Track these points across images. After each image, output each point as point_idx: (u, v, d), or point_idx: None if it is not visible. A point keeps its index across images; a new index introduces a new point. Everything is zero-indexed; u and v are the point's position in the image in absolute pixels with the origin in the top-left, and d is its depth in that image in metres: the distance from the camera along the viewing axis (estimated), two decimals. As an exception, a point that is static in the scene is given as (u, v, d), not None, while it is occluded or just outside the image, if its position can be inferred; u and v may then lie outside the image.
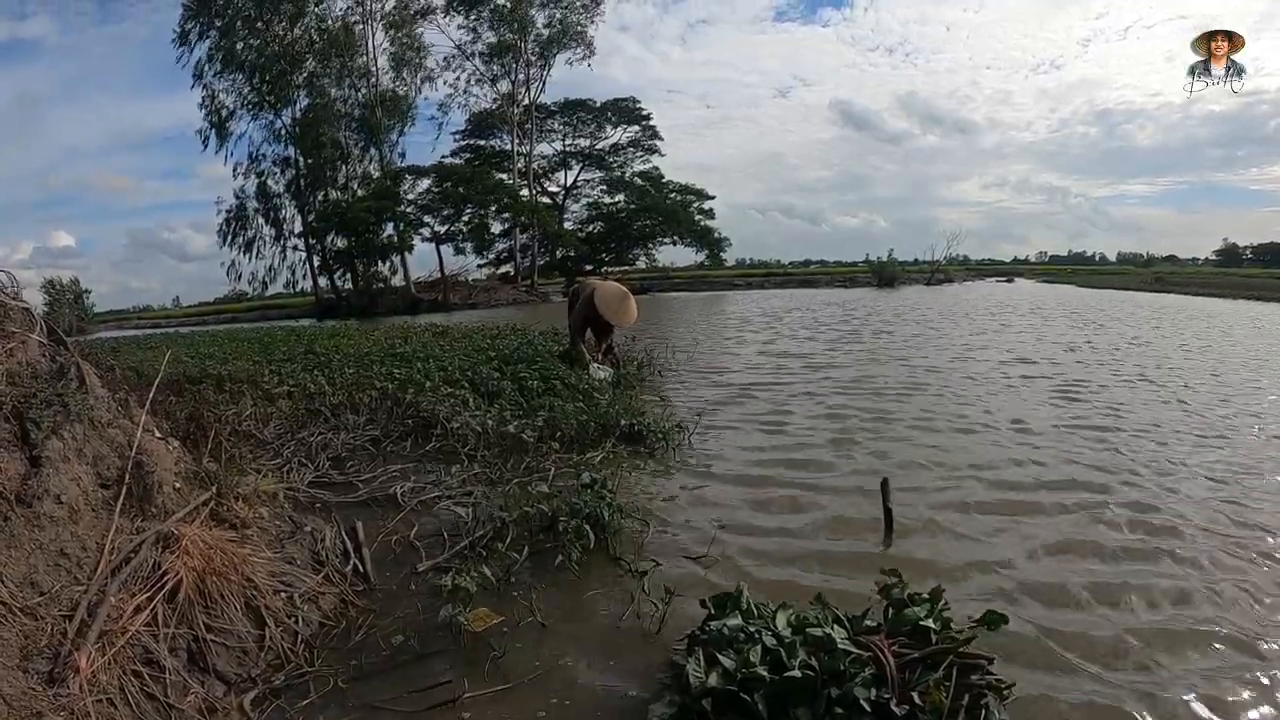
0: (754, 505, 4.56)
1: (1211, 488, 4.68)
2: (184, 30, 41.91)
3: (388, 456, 5.63)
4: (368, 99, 44.72)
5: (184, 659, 2.61)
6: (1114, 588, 3.33)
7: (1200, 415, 6.79)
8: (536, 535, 3.87)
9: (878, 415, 7.02)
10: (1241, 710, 2.46)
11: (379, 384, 7.04)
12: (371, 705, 2.60)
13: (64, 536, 2.61)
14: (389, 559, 3.84)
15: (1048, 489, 4.69)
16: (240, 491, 3.52)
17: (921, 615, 2.51)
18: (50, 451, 2.79)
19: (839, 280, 50.27)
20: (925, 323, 18.27)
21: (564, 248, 48.78)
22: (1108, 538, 3.91)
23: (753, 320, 20.70)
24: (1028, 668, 2.68)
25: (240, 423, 6.04)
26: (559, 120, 53.42)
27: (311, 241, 44.38)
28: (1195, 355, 11.31)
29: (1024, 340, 13.75)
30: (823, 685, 2.23)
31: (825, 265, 73.51)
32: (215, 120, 43.07)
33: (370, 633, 3.09)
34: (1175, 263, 79.45)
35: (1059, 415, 6.83)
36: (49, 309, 6.47)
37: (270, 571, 3.14)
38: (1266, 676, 2.62)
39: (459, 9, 45.59)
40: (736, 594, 2.79)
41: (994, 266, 72.03)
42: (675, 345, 12.43)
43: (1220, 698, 2.51)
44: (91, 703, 2.19)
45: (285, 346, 11.50)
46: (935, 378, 9.30)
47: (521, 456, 5.36)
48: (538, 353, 9.02)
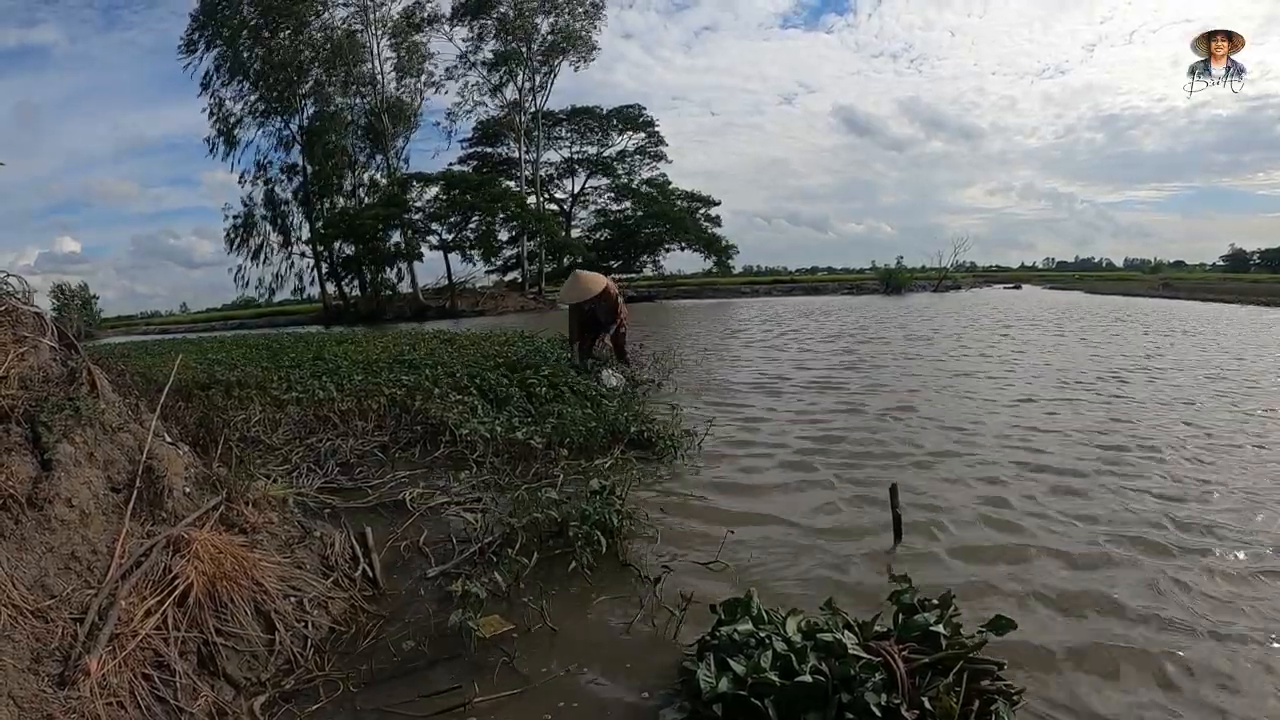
0: (764, 511, 4.54)
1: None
2: (190, 40, 42.40)
3: (396, 463, 5.63)
4: (373, 106, 45.03)
5: (194, 662, 2.61)
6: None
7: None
8: (546, 541, 3.87)
9: (893, 420, 7.00)
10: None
11: (387, 390, 7.05)
12: (381, 710, 2.60)
13: (75, 540, 2.62)
14: (398, 564, 3.84)
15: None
16: (250, 496, 3.52)
17: (931, 621, 2.50)
18: (61, 455, 2.81)
19: (846, 287, 50.15)
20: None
21: (571, 255, 48.96)
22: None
23: (764, 327, 20.70)
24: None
25: (249, 428, 6.05)
26: (566, 128, 53.73)
27: (319, 248, 44.65)
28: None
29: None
30: (833, 691, 2.22)
31: (832, 272, 73.56)
32: (223, 128, 43.54)
33: (380, 638, 3.09)
34: (1183, 268, 79.15)
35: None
36: (57, 314, 6.52)
37: (280, 576, 3.15)
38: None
39: (464, 19, 45.95)
40: (747, 599, 2.78)
41: (1001, 273, 71.91)
42: (685, 352, 12.43)
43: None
44: (102, 705, 2.20)
45: (293, 353, 11.52)
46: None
47: (530, 463, 5.36)
48: (546, 359, 9.04)
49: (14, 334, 3.25)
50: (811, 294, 46.68)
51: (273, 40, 41.96)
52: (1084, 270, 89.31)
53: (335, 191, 45.19)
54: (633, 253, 53.69)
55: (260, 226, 45.64)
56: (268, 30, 41.80)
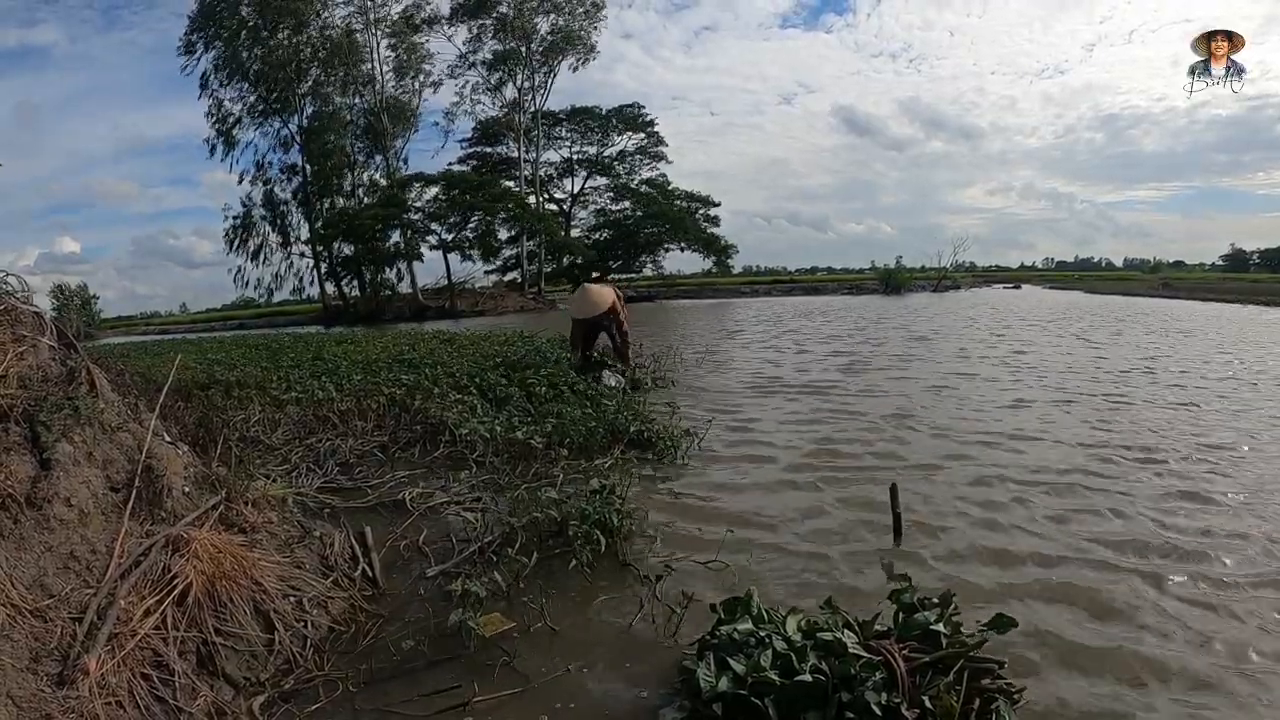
0: (764, 511, 4.54)
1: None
2: (189, 40, 42.36)
3: (396, 462, 5.63)
4: (373, 105, 45.01)
5: (193, 662, 2.61)
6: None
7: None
8: (546, 541, 3.86)
9: (891, 421, 7.00)
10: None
11: (387, 390, 7.05)
12: (381, 710, 2.59)
13: (74, 539, 2.62)
14: (398, 564, 3.84)
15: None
16: (249, 496, 3.52)
17: (931, 620, 2.50)
18: (60, 455, 2.81)
19: (845, 287, 50.10)
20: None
21: (571, 255, 48.84)
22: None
23: (763, 327, 20.70)
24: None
25: (249, 428, 6.05)
26: (566, 128, 53.61)
27: (318, 248, 44.59)
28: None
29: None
30: (833, 690, 2.22)
31: (832, 272, 73.46)
32: (222, 128, 43.51)
33: (380, 637, 3.09)
34: (1182, 268, 79.19)
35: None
36: (57, 314, 6.51)
37: (279, 576, 3.14)
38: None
39: (463, 19, 45.93)
40: (746, 599, 2.78)
41: (1001, 273, 71.89)
42: (685, 352, 12.41)
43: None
44: (100, 705, 2.19)
45: (293, 353, 11.51)
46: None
47: (530, 463, 5.36)
48: (545, 359, 9.03)
49: (13, 333, 3.25)
50: (811, 294, 46.64)
51: (271, 40, 41.92)
52: (1083, 270, 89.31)
53: (335, 192, 45.18)
54: (632, 253, 53.57)
55: (259, 227, 45.65)
56: (266, 29, 41.76)
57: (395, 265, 44.35)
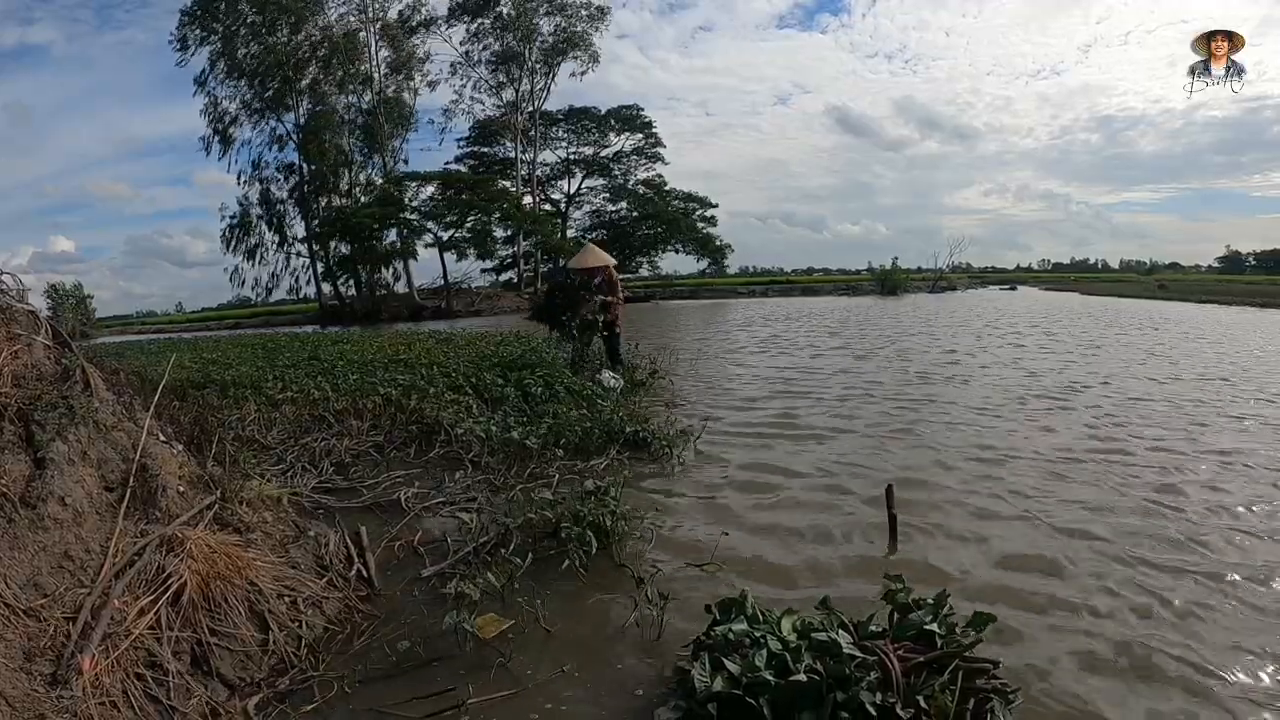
0: (758, 512, 4.55)
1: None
2: (183, 35, 42.13)
3: (391, 463, 5.62)
4: (370, 105, 44.93)
5: (187, 662, 2.60)
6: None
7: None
8: (540, 542, 3.86)
9: (889, 421, 7.01)
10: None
11: (382, 390, 7.03)
12: (376, 710, 2.59)
13: (68, 539, 2.61)
14: (393, 564, 3.84)
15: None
16: (244, 496, 3.52)
17: (926, 620, 2.51)
18: (55, 454, 2.80)
19: (842, 288, 50.23)
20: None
21: (567, 256, 48.85)
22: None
23: (759, 328, 20.71)
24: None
25: (244, 428, 6.03)
26: (563, 128, 53.62)
27: (315, 248, 44.46)
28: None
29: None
30: (828, 690, 2.22)
31: (828, 273, 73.57)
32: (218, 127, 43.33)
33: (375, 638, 3.08)
34: (1178, 270, 79.44)
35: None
36: (52, 313, 6.45)
37: (274, 576, 3.14)
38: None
39: (463, 19, 45.90)
40: (741, 599, 2.78)
41: (997, 274, 72.09)
42: (679, 353, 12.42)
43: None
44: (94, 705, 2.19)
45: (289, 352, 11.46)
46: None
47: (525, 463, 5.35)
48: (541, 359, 9.03)
49: (8, 332, 3.24)
50: (808, 295, 46.72)
51: (270, 37, 41.79)
52: (1079, 271, 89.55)
53: (331, 191, 45.00)
54: (628, 253, 53.60)
55: (256, 226, 45.36)
56: (264, 27, 41.63)
57: (392, 265, 44.30)
